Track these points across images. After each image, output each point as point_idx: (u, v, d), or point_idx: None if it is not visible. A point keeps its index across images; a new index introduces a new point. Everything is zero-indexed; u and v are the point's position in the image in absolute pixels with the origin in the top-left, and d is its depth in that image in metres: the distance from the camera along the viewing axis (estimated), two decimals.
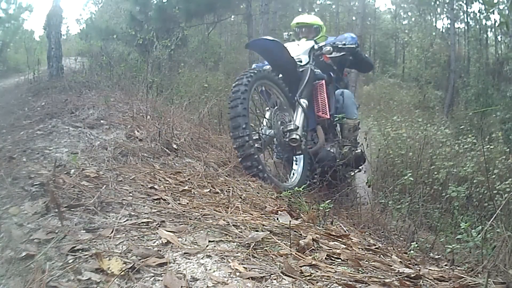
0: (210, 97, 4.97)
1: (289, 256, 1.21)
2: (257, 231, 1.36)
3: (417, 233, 2.38)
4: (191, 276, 1.01)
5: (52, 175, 1.52)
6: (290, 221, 1.45)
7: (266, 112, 2.83)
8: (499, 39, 14.96)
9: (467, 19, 16.43)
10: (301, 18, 3.63)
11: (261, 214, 1.63)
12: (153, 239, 1.20)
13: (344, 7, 22.36)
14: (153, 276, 0.99)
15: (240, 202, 1.70)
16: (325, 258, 1.25)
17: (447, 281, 1.26)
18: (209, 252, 1.15)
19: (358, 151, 3.18)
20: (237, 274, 1.04)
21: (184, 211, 1.46)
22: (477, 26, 15.96)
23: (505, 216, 2.72)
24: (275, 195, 2.06)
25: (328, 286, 1.05)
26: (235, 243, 1.25)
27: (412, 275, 1.21)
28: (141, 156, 2.20)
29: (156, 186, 1.74)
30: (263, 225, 1.44)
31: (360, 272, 1.19)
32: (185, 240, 1.22)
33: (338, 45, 3.04)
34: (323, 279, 1.08)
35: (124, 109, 3.54)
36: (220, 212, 1.53)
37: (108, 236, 1.16)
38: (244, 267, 1.08)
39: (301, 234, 1.45)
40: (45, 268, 0.96)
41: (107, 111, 3.28)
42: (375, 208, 2.77)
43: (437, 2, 18.20)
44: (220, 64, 11.56)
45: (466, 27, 16.55)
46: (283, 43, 2.82)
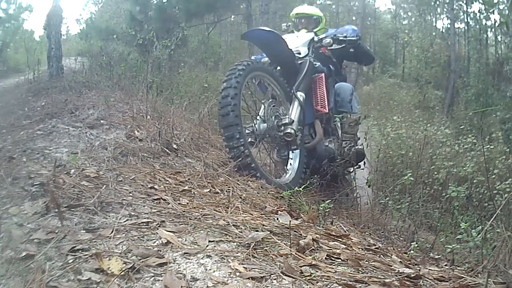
0: (210, 97, 4.97)
1: (289, 256, 1.21)
2: (257, 231, 1.36)
3: (417, 233, 2.38)
4: (191, 276, 1.01)
5: (52, 175, 1.52)
6: (290, 221, 1.45)
7: (262, 105, 2.69)
8: (499, 39, 14.96)
9: (467, 19, 16.43)
10: (301, 8, 3.54)
11: (261, 214, 1.63)
12: (153, 239, 1.20)
13: (344, 7, 22.38)
14: (153, 276, 0.99)
15: (240, 202, 1.70)
16: (325, 258, 1.25)
17: (447, 281, 1.26)
18: (209, 252, 1.15)
19: (358, 147, 3.09)
20: (237, 274, 1.04)
21: (184, 211, 1.46)
22: (477, 26, 15.95)
23: (505, 216, 2.72)
24: (275, 195, 2.06)
25: (328, 286, 1.05)
26: (235, 243, 1.25)
27: (412, 275, 1.21)
28: (141, 156, 2.20)
29: (156, 186, 1.74)
30: (263, 225, 1.44)
31: (360, 272, 1.19)
32: (185, 240, 1.22)
33: (339, 37, 2.98)
34: (323, 279, 1.08)
35: (124, 109, 3.54)
36: (220, 212, 1.53)
37: (108, 236, 1.16)
38: (244, 267, 1.08)
39: (301, 234, 1.45)
40: (45, 268, 0.96)
41: (107, 111, 3.28)
42: (375, 208, 2.77)
43: (437, 2, 18.20)
44: (220, 64, 11.55)
45: (466, 27, 16.54)
46: (280, 34, 2.72)
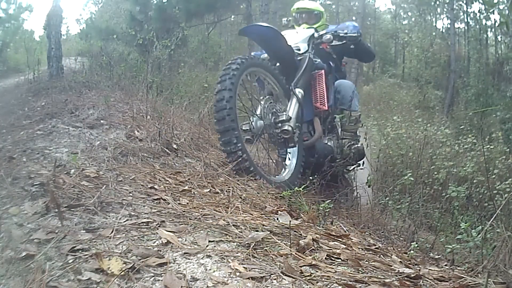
0: (210, 97, 4.96)
1: (289, 256, 1.21)
2: (257, 231, 1.36)
3: (417, 233, 2.38)
4: (191, 276, 1.01)
5: (52, 175, 1.52)
6: (290, 221, 1.45)
7: (260, 102, 2.64)
8: (499, 39, 14.95)
9: (467, 19, 16.43)
10: (302, 3, 3.44)
11: (261, 214, 1.63)
12: (153, 239, 1.20)
13: (344, 7, 22.38)
14: (153, 276, 0.99)
15: (240, 202, 1.70)
16: (325, 258, 1.25)
17: (447, 281, 1.26)
18: (209, 252, 1.15)
19: (358, 145, 3.05)
20: (237, 274, 1.04)
21: (184, 211, 1.46)
22: (477, 26, 15.95)
23: (505, 216, 2.71)
24: (275, 195, 2.06)
25: (328, 286, 1.05)
26: (235, 243, 1.25)
27: (412, 275, 1.21)
28: (141, 156, 2.20)
29: (156, 186, 1.74)
30: (263, 225, 1.44)
31: (360, 272, 1.19)
32: (185, 240, 1.22)
33: (339, 33, 2.94)
34: (323, 279, 1.08)
35: (124, 109, 3.54)
36: (220, 212, 1.53)
37: (108, 236, 1.16)
38: (244, 267, 1.08)
39: (301, 234, 1.45)
40: (45, 268, 0.96)
41: (107, 111, 3.28)
42: (375, 208, 2.77)
43: (437, 2, 18.20)
44: (220, 64, 11.53)
45: (466, 27, 16.54)
46: (278, 30, 2.66)
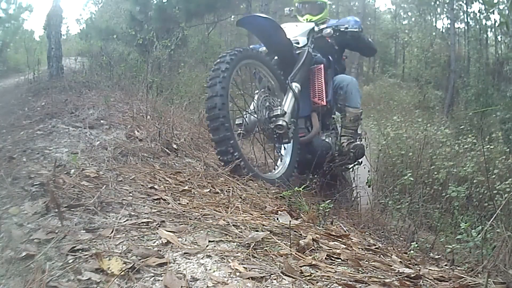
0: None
1: (289, 256, 1.21)
2: (257, 231, 1.36)
3: (417, 233, 2.37)
4: (191, 276, 1.01)
5: (52, 175, 1.52)
6: (290, 221, 1.45)
7: (255, 95, 2.55)
8: (499, 39, 14.97)
9: (467, 19, 16.45)
10: None
11: (261, 214, 1.63)
12: (153, 239, 1.20)
13: (344, 7, 22.37)
14: (153, 276, 0.99)
15: (240, 202, 1.70)
16: (325, 258, 1.25)
17: (447, 281, 1.26)
18: (209, 252, 1.15)
19: (357, 143, 2.98)
20: (237, 274, 1.04)
21: (184, 211, 1.46)
22: (477, 26, 15.96)
23: (505, 216, 2.71)
24: (275, 195, 2.06)
25: (328, 286, 1.05)
26: (235, 243, 1.25)
27: (412, 275, 1.21)
28: (141, 156, 2.20)
29: (156, 186, 1.74)
30: (263, 225, 1.44)
31: (360, 272, 1.19)
32: (185, 240, 1.22)
33: (340, 28, 2.92)
34: (323, 279, 1.08)
35: (124, 109, 3.55)
36: (220, 212, 1.53)
37: (108, 236, 1.16)
38: (244, 267, 1.08)
39: (301, 234, 1.45)
40: (45, 268, 0.96)
41: (107, 111, 3.28)
42: (375, 208, 2.77)
43: (437, 2, 18.21)
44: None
45: (466, 27, 16.56)
46: (277, 22, 2.61)
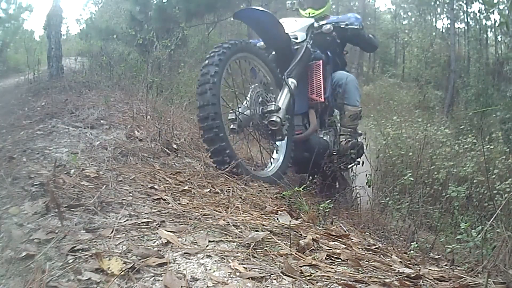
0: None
1: (289, 256, 1.21)
2: (257, 231, 1.36)
3: (417, 233, 2.37)
4: (191, 276, 1.01)
5: (52, 175, 1.52)
6: (290, 221, 1.45)
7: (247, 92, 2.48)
8: (499, 39, 14.99)
9: (467, 19, 16.47)
10: None
11: (261, 214, 1.63)
12: (153, 239, 1.20)
13: (344, 7, 22.38)
14: (153, 276, 0.99)
15: (240, 202, 1.70)
16: (325, 258, 1.25)
17: (447, 281, 1.26)
18: (209, 252, 1.15)
19: (356, 142, 2.93)
20: (237, 274, 1.04)
21: (184, 211, 1.46)
22: (477, 26, 15.99)
23: (505, 216, 2.71)
24: (275, 195, 2.06)
25: (328, 286, 1.05)
26: (235, 243, 1.25)
27: (412, 275, 1.21)
28: (141, 156, 2.20)
29: (156, 186, 1.74)
30: (263, 225, 1.44)
31: (360, 272, 1.19)
32: (185, 240, 1.22)
33: (340, 25, 2.91)
34: (323, 279, 1.08)
35: (124, 109, 3.55)
36: (220, 212, 1.53)
37: (108, 236, 1.16)
38: (244, 267, 1.08)
39: (301, 234, 1.45)
40: (45, 268, 0.96)
41: (107, 111, 3.28)
42: (375, 208, 2.77)
43: (437, 2, 18.24)
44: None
45: (466, 27, 16.58)
46: (275, 16, 2.56)
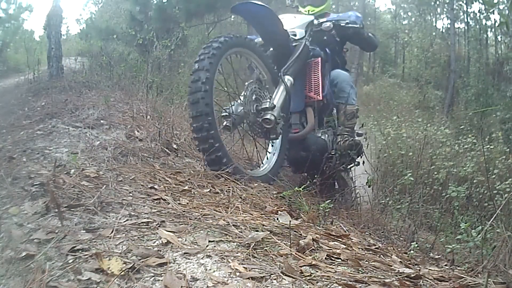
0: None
1: (289, 256, 1.21)
2: (257, 231, 1.36)
3: (417, 233, 2.38)
4: (191, 276, 1.01)
5: (52, 175, 1.52)
6: (290, 221, 1.45)
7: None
8: (499, 39, 15.00)
9: (467, 19, 16.47)
10: None
11: (261, 214, 1.63)
12: (153, 239, 1.20)
13: (344, 7, 22.36)
14: (153, 276, 0.99)
15: (240, 202, 1.70)
16: (325, 258, 1.25)
17: (447, 281, 1.26)
18: (209, 252, 1.15)
19: (354, 141, 2.87)
20: (237, 274, 1.04)
21: (184, 211, 1.46)
22: (477, 26, 15.99)
23: (505, 216, 2.72)
24: (275, 195, 2.06)
25: (328, 286, 1.05)
26: (235, 243, 1.25)
27: (412, 275, 1.21)
28: (141, 156, 2.20)
29: (156, 186, 1.74)
30: (263, 225, 1.44)
31: (360, 272, 1.19)
32: (185, 240, 1.22)
33: (340, 23, 2.88)
34: (323, 279, 1.08)
35: (124, 109, 3.54)
36: (220, 212, 1.53)
37: (108, 236, 1.16)
38: (244, 267, 1.08)
39: (301, 234, 1.45)
40: (45, 268, 0.96)
41: (107, 111, 3.28)
42: (375, 208, 2.76)
43: (437, 2, 18.25)
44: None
45: (466, 27, 16.59)
46: (274, 11, 2.50)
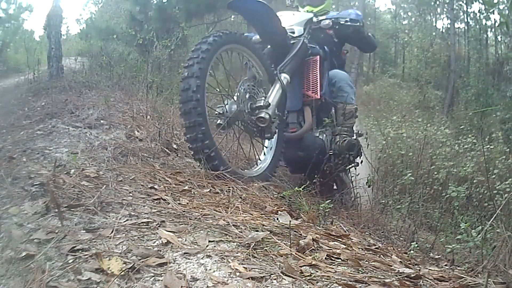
0: (209, 97, 4.94)
1: (289, 256, 1.21)
2: (257, 231, 1.36)
3: (417, 233, 2.38)
4: (191, 276, 1.01)
5: (52, 175, 1.52)
6: (290, 221, 1.45)
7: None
8: (499, 39, 15.01)
9: (467, 19, 16.48)
10: None
11: (261, 214, 1.63)
12: (153, 239, 1.20)
13: (344, 7, 22.37)
14: (153, 276, 0.99)
15: (240, 202, 1.70)
16: (325, 258, 1.25)
17: (447, 281, 1.26)
18: (209, 252, 1.15)
19: (353, 141, 2.80)
20: (237, 274, 1.04)
21: (184, 211, 1.46)
22: (477, 26, 16.00)
23: (505, 216, 2.72)
24: (275, 195, 2.06)
25: (328, 286, 1.05)
26: (235, 243, 1.25)
27: (412, 275, 1.21)
28: (141, 156, 2.20)
29: (156, 186, 1.74)
30: (263, 225, 1.44)
31: (360, 272, 1.19)
32: (185, 240, 1.22)
33: (340, 21, 2.87)
34: (323, 279, 1.08)
35: (124, 109, 3.55)
36: (220, 212, 1.53)
37: (108, 236, 1.16)
38: (244, 267, 1.08)
39: (301, 234, 1.45)
40: (45, 268, 0.96)
41: (107, 111, 3.28)
42: (375, 208, 2.77)
43: (437, 2, 18.26)
44: (220, 64, 11.50)
45: (466, 27, 16.59)
46: (272, 8, 2.44)
